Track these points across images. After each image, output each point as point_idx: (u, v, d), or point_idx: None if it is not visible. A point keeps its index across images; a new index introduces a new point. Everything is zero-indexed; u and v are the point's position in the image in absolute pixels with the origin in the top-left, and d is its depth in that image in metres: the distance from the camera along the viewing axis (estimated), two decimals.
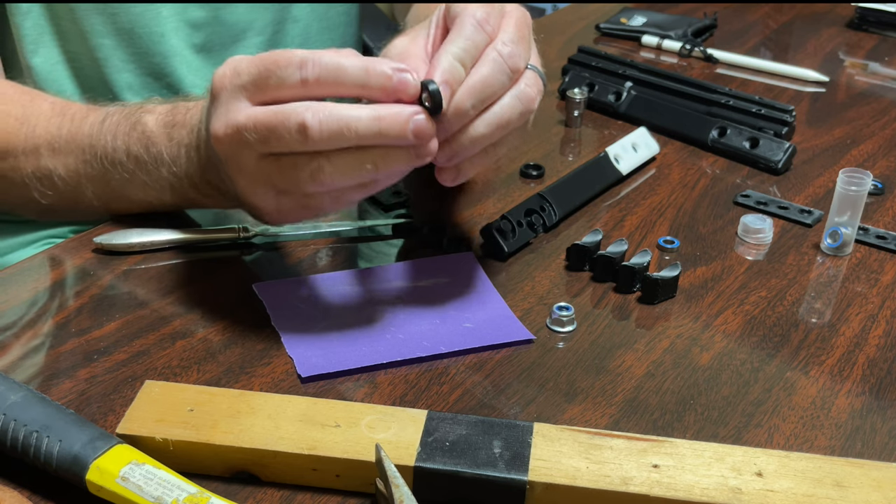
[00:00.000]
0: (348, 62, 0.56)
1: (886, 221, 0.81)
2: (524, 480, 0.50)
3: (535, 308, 0.68)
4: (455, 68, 0.57)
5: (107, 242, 0.71)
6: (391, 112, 0.55)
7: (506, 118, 0.59)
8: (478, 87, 0.58)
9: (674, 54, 1.13)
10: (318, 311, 0.66)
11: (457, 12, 0.60)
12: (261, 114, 0.57)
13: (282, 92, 0.57)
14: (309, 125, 0.55)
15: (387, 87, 0.56)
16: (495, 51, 0.59)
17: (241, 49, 0.92)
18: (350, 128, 0.55)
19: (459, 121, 0.58)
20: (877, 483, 0.51)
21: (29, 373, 0.60)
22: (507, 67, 0.59)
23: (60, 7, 0.84)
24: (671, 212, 0.81)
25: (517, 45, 0.59)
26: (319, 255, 0.73)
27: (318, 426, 0.53)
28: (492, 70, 0.58)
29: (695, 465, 0.52)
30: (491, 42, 0.59)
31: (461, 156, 0.59)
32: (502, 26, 0.60)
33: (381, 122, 0.55)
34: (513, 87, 0.60)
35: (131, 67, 0.88)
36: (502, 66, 0.58)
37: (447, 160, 0.59)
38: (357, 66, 0.56)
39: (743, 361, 0.64)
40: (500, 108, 0.59)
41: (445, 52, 0.57)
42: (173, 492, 0.48)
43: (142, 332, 0.64)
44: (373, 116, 0.55)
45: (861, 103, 1.02)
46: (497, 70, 0.58)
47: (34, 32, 0.85)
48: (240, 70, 0.58)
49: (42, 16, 0.85)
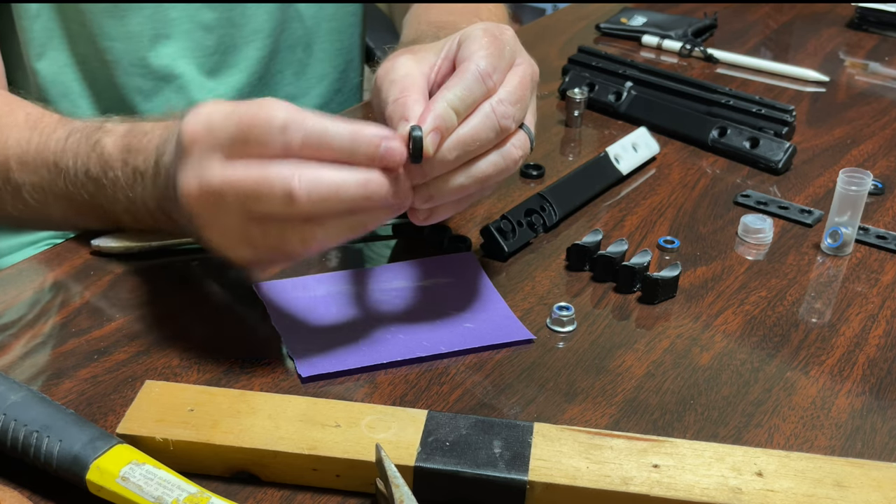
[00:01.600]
0: (334, 129, 0.54)
1: (886, 221, 0.81)
2: (524, 480, 0.50)
3: (535, 308, 0.68)
4: (449, 116, 0.56)
5: (104, 245, 0.71)
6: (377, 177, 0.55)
7: (487, 174, 0.59)
8: (465, 140, 0.57)
9: (674, 54, 1.13)
10: (318, 311, 0.66)
11: (465, 56, 0.59)
12: (241, 176, 0.54)
13: (262, 154, 0.54)
14: (296, 194, 0.53)
15: (374, 156, 0.54)
16: (490, 106, 0.58)
17: (250, 51, 0.92)
18: (339, 195, 0.54)
19: (441, 169, 0.57)
20: (877, 483, 0.51)
21: (29, 373, 0.60)
22: (497, 125, 0.58)
23: (70, 9, 0.84)
24: (671, 212, 0.81)
25: (513, 105, 0.59)
26: (320, 255, 0.73)
27: (319, 426, 0.53)
28: (483, 125, 0.58)
29: (695, 465, 0.52)
30: (489, 95, 0.58)
31: (437, 201, 0.59)
32: (505, 81, 0.60)
33: (368, 187, 0.54)
34: (500, 146, 0.60)
35: (141, 71, 0.88)
36: (494, 123, 0.58)
37: (423, 202, 0.58)
38: (343, 135, 0.54)
39: (743, 361, 0.64)
40: (484, 163, 0.59)
41: (442, 98, 0.56)
42: (173, 492, 0.48)
43: (142, 332, 0.64)
44: (360, 182, 0.54)
45: (861, 103, 1.02)
46: (488, 126, 0.58)
47: (43, 36, 0.85)
48: (213, 127, 0.55)
49: (52, 19, 0.84)
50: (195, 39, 0.88)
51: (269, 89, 0.96)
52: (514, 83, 0.60)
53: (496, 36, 0.60)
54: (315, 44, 0.98)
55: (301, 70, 0.98)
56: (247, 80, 0.93)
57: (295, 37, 0.96)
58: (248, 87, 0.94)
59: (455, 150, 0.57)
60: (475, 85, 0.57)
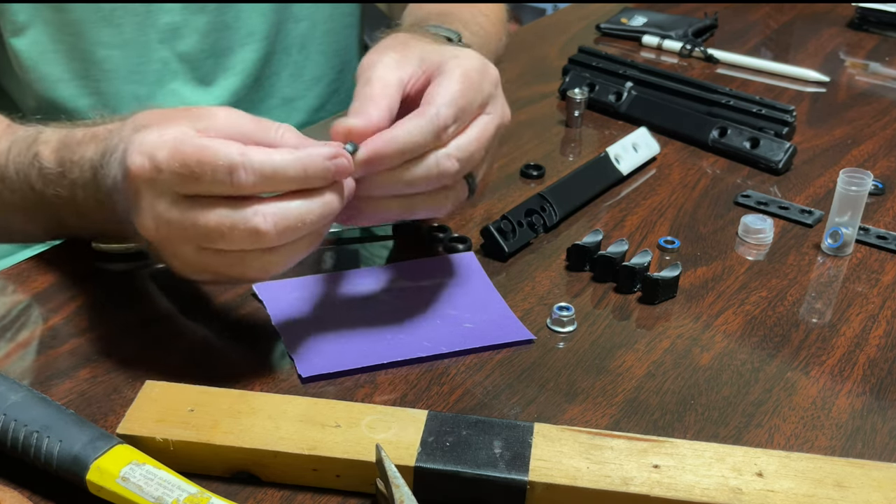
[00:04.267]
0: (283, 162, 0.53)
1: (887, 221, 0.81)
2: (524, 481, 0.50)
3: (535, 308, 0.68)
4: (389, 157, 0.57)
5: (105, 246, 0.71)
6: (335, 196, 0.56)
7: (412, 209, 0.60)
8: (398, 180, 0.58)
9: (674, 54, 1.13)
10: (318, 311, 0.66)
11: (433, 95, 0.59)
12: (201, 221, 0.54)
13: (214, 192, 0.53)
14: (263, 230, 0.53)
15: (327, 178, 0.55)
16: (435, 159, 0.59)
17: (245, 53, 0.92)
18: (304, 222, 0.54)
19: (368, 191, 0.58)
20: (877, 483, 0.51)
21: (29, 373, 0.60)
22: (435, 178, 0.59)
23: (63, 23, 0.83)
24: (671, 212, 0.81)
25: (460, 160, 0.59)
26: (320, 255, 0.73)
27: (319, 426, 0.53)
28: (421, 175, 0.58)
29: (695, 465, 0.52)
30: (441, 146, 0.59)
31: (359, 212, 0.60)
32: (464, 133, 0.60)
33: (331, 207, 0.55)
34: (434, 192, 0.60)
35: (136, 78, 0.87)
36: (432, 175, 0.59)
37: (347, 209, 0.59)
38: (295, 166, 0.53)
39: (743, 362, 0.64)
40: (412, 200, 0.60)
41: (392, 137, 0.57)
42: (174, 492, 0.48)
43: (142, 332, 0.64)
44: (323, 204, 0.55)
45: (862, 103, 1.02)
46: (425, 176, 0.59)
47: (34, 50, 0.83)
48: (159, 165, 0.53)
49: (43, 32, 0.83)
50: (189, 43, 0.88)
51: (264, 92, 0.96)
52: (471, 137, 0.60)
53: (472, 81, 0.60)
54: (311, 45, 0.97)
55: (297, 72, 0.98)
56: (242, 83, 0.92)
57: (290, 38, 0.95)
58: (244, 89, 0.93)
59: (384, 188, 0.58)
60: (429, 134, 0.58)
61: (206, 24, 0.88)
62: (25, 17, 0.81)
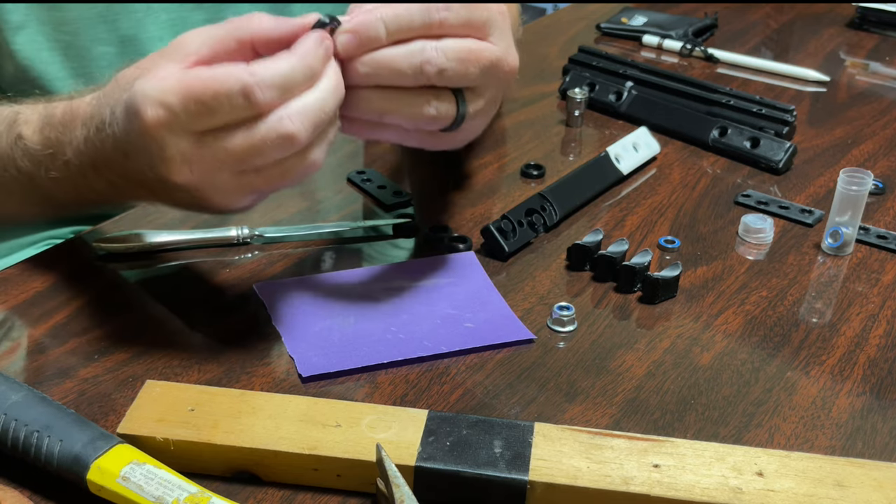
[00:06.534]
0: (291, 68, 0.53)
1: (887, 221, 0.81)
2: (525, 480, 0.50)
3: (535, 308, 0.68)
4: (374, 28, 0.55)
5: (106, 245, 0.71)
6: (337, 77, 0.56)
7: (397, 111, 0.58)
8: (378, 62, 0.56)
9: (674, 54, 1.13)
10: (318, 311, 0.66)
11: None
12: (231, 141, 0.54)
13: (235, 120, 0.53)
14: (294, 133, 0.53)
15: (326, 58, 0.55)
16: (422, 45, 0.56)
17: None
18: (325, 110, 0.55)
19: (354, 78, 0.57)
20: (878, 483, 0.51)
21: (30, 372, 0.60)
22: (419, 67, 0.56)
23: (59, 21, 0.82)
24: (672, 212, 0.81)
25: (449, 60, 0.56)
26: (320, 255, 0.73)
27: (319, 426, 0.53)
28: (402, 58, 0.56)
29: (695, 464, 0.52)
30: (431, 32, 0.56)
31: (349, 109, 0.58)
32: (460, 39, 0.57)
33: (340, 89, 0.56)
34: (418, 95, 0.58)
35: None
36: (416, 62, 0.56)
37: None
38: (301, 67, 0.54)
39: (743, 361, 0.64)
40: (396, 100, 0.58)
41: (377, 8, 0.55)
42: (174, 492, 0.48)
43: (142, 332, 0.64)
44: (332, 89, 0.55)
45: (862, 103, 1.02)
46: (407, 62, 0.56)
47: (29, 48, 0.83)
48: (174, 108, 0.53)
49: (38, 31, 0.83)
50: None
51: None
52: (467, 45, 0.57)
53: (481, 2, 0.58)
54: None
55: None
56: None
57: None
58: None
59: (365, 66, 0.56)
60: (417, 14, 0.56)
61: (204, 22, 0.88)
62: (20, 17, 0.81)
